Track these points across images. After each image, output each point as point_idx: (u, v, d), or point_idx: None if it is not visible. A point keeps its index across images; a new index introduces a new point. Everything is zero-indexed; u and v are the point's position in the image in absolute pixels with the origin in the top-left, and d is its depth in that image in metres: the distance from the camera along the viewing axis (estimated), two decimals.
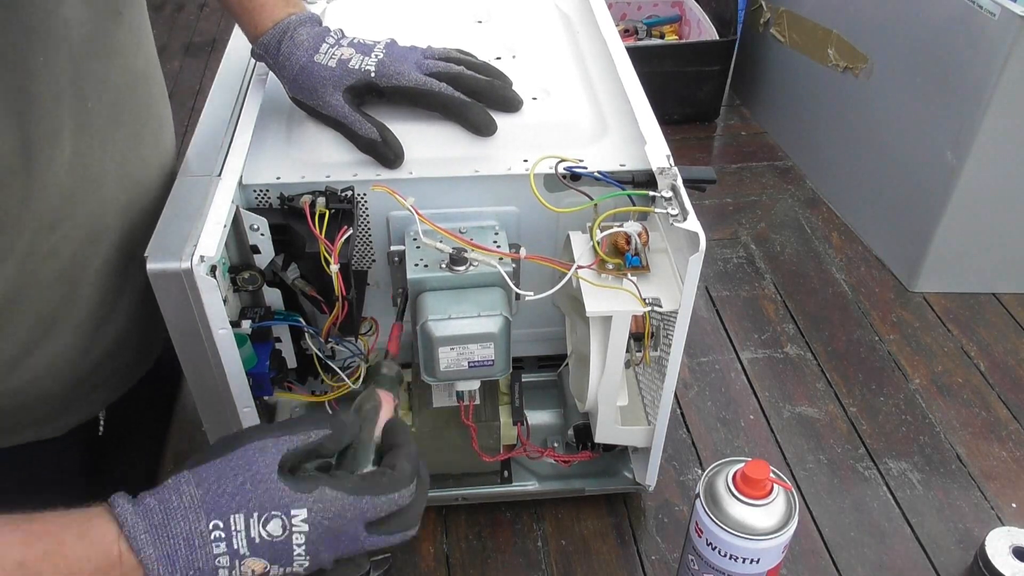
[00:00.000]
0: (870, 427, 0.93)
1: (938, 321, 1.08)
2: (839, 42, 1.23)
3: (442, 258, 0.65)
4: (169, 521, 0.45)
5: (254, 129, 0.71)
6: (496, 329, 0.63)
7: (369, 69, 0.68)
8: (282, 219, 0.66)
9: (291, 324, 0.69)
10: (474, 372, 0.65)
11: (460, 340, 0.63)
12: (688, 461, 0.88)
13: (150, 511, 0.45)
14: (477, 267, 0.65)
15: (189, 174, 0.65)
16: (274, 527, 0.47)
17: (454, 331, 0.63)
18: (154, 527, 0.45)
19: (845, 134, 1.25)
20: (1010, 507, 0.85)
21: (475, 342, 0.63)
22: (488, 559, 0.78)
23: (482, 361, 0.64)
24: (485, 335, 0.63)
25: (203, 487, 0.46)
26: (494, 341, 0.63)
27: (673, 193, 0.65)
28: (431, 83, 0.68)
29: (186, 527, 0.45)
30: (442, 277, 0.64)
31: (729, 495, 0.61)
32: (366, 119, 0.67)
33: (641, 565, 0.78)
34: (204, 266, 0.56)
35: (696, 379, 0.98)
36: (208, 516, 0.46)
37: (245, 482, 0.47)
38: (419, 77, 0.68)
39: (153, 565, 0.44)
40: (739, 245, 1.20)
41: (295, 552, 0.48)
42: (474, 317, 0.63)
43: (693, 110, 1.48)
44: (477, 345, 0.63)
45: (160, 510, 0.45)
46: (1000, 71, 0.93)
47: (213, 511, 0.46)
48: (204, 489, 0.46)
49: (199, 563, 0.45)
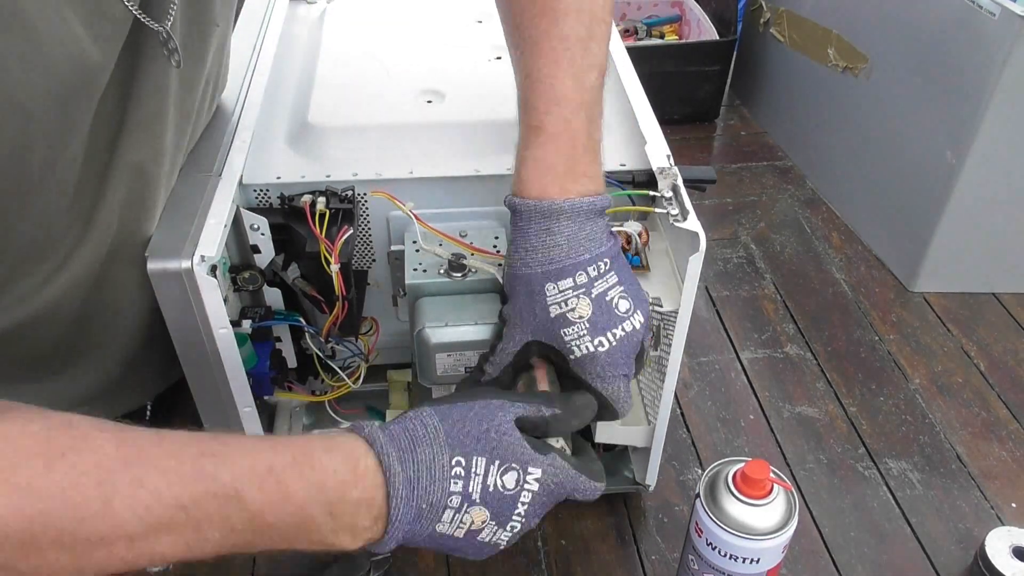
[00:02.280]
0: (870, 427, 0.93)
1: (938, 321, 1.08)
2: (839, 42, 1.23)
3: (441, 263, 0.65)
4: (416, 447, 0.47)
5: (255, 128, 0.71)
6: (492, 337, 0.63)
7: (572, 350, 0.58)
8: (282, 219, 0.66)
9: (291, 324, 0.69)
10: None
11: (456, 347, 0.63)
12: (688, 461, 0.88)
13: (395, 436, 0.47)
14: (475, 273, 0.65)
15: (189, 173, 0.65)
16: (509, 479, 0.49)
17: (451, 338, 0.63)
18: (401, 450, 0.46)
19: (845, 134, 1.25)
20: (1010, 507, 0.85)
21: (471, 349, 0.63)
22: (488, 559, 0.78)
23: None
24: (482, 342, 0.63)
25: (447, 423, 0.48)
26: None
27: (673, 193, 0.65)
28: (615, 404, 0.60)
29: (430, 455, 0.47)
30: (440, 283, 0.65)
31: (729, 495, 0.61)
32: None
33: (641, 565, 0.78)
34: (205, 266, 0.57)
35: (696, 379, 0.98)
36: (452, 451, 0.47)
37: (489, 430, 0.49)
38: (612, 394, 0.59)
39: (398, 484, 0.45)
40: (739, 245, 1.20)
41: (516, 511, 0.50)
42: (471, 325, 0.63)
43: (693, 110, 1.48)
44: (473, 352, 0.63)
45: (406, 437, 0.47)
46: (1000, 71, 0.93)
47: (457, 448, 0.48)
48: (449, 425, 0.48)
49: (434, 496, 0.47)
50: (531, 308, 0.57)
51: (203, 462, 0.42)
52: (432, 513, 0.47)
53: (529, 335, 0.58)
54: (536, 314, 0.57)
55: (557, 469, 0.51)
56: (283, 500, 0.43)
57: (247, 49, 0.82)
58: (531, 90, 0.58)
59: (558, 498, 0.53)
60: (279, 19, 0.88)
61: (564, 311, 0.56)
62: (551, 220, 0.56)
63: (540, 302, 0.57)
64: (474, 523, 0.49)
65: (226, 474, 0.42)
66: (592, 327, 0.57)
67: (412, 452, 0.46)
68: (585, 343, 0.57)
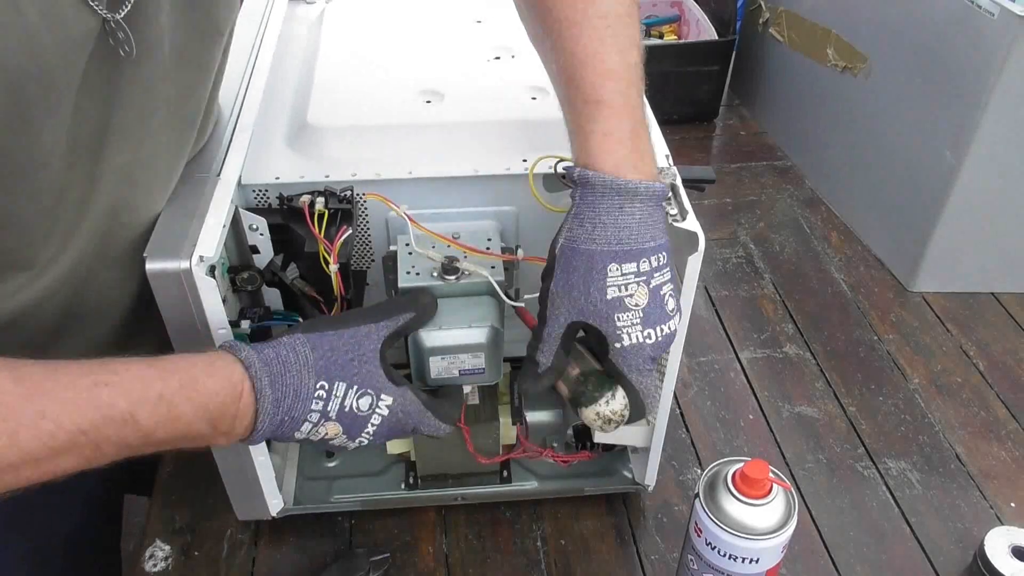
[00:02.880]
0: (869, 427, 0.93)
1: (937, 321, 1.08)
2: (838, 42, 1.23)
3: (434, 266, 0.65)
4: (286, 372, 0.53)
5: (253, 129, 0.71)
6: (485, 340, 0.63)
7: (622, 337, 0.58)
8: (281, 219, 0.66)
9: (290, 324, 0.69)
10: (464, 379, 0.65)
11: (450, 350, 0.63)
12: (687, 461, 0.88)
13: (269, 361, 0.53)
14: (469, 276, 0.65)
15: (188, 174, 0.65)
16: (364, 403, 0.56)
17: (444, 341, 0.63)
18: (272, 375, 0.52)
19: (844, 134, 1.25)
20: (1009, 506, 0.85)
21: (465, 352, 0.63)
22: (488, 559, 0.78)
23: (472, 369, 0.64)
24: (475, 345, 0.63)
25: (317, 352, 0.54)
26: (484, 351, 0.63)
27: (672, 193, 0.65)
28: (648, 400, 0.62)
29: (297, 381, 0.53)
30: (433, 286, 0.64)
31: (728, 495, 0.61)
32: None
33: (640, 565, 0.78)
34: (203, 266, 0.56)
35: (695, 379, 0.98)
36: (318, 377, 0.54)
37: (354, 359, 0.55)
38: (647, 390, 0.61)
39: (267, 404, 0.52)
40: (738, 245, 1.20)
41: (365, 430, 0.57)
42: (464, 328, 0.63)
43: (692, 110, 1.48)
44: (467, 355, 0.63)
45: (278, 362, 0.53)
46: (999, 71, 0.93)
47: (323, 374, 0.54)
48: (318, 355, 0.54)
49: (296, 412, 0.53)
50: (586, 286, 0.56)
51: (98, 391, 0.47)
52: (292, 424, 0.54)
53: (575, 315, 0.57)
54: (590, 293, 0.56)
55: (408, 401, 0.58)
56: (173, 420, 0.49)
57: (246, 49, 0.82)
58: (581, 67, 0.57)
59: (405, 426, 0.59)
60: (278, 19, 0.88)
61: (623, 295, 0.56)
62: (626, 199, 0.55)
63: (598, 282, 0.55)
64: (328, 434, 0.55)
65: (122, 401, 0.47)
66: (645, 318, 0.56)
67: (282, 377, 0.52)
68: (636, 332, 0.57)
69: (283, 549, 0.78)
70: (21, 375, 0.45)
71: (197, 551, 0.78)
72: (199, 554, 0.77)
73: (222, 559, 0.77)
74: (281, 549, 0.78)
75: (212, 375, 0.51)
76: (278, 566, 0.77)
